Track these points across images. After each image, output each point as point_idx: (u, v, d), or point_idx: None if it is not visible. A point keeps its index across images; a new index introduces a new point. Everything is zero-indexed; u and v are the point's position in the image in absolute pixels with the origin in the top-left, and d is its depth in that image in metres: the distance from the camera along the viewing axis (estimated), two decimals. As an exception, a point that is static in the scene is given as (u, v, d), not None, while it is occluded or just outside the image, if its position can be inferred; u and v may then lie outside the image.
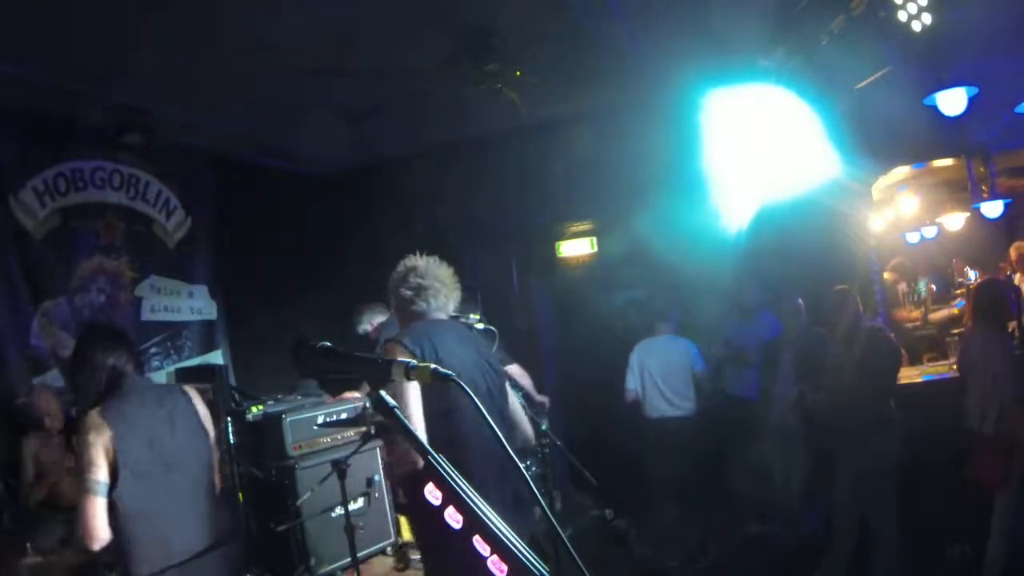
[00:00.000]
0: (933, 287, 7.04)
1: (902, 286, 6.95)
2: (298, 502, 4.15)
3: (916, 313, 6.72)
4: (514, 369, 5.58)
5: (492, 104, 5.53)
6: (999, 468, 3.87)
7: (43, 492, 4.67)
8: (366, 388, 5.70)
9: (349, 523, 3.47)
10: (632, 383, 5.71)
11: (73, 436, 2.92)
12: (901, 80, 4.32)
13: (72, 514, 4.79)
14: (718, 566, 5.31)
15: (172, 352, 6.24)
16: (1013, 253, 6.11)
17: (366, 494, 5.13)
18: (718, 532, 5.61)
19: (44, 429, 4.71)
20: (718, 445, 5.72)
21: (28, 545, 3.92)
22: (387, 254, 3.08)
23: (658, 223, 5.85)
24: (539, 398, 5.78)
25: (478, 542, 1.23)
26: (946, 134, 5.21)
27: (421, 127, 6.58)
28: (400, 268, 2.96)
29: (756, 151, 4.85)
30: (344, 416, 5.38)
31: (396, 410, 1.40)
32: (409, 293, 2.89)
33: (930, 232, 6.93)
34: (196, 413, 2.86)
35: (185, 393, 2.90)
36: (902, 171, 6.34)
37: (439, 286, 2.91)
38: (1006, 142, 5.64)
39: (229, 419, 4.90)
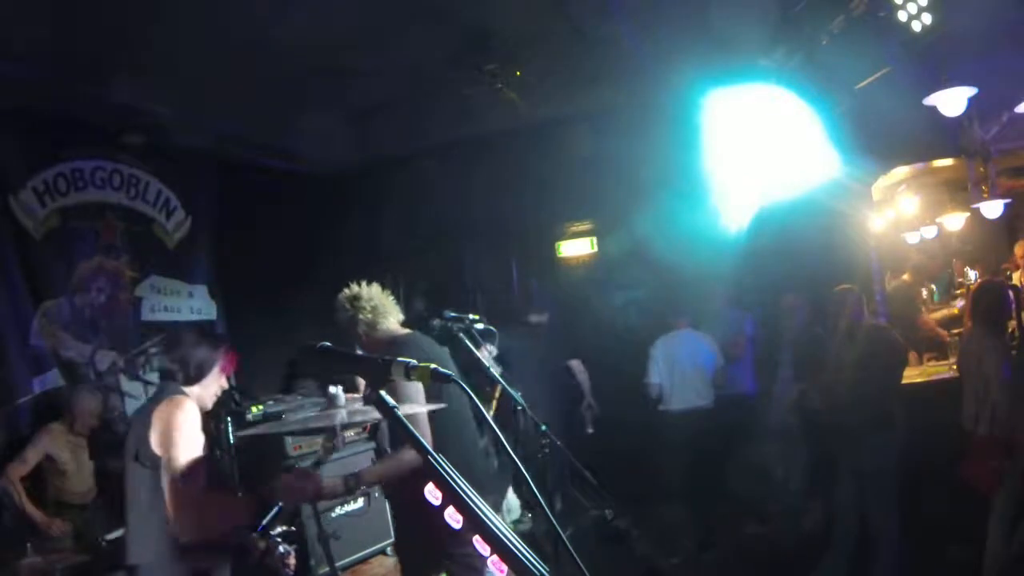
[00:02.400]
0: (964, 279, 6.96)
1: (923, 291, 6.84)
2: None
3: (940, 314, 6.65)
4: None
5: (492, 104, 5.53)
6: (990, 470, 3.87)
7: (51, 490, 4.67)
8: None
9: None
10: (656, 377, 5.77)
11: None
12: (901, 80, 4.31)
13: (83, 511, 4.76)
14: (718, 566, 5.31)
15: (172, 352, 6.24)
16: (1018, 251, 6.11)
17: (366, 494, 5.14)
18: (718, 531, 5.61)
19: (72, 429, 4.71)
20: (719, 444, 5.73)
21: (28, 545, 3.92)
22: (387, 254, 3.11)
23: (658, 223, 5.85)
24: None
25: (478, 542, 1.23)
26: (946, 134, 5.21)
27: (421, 127, 6.58)
28: (345, 303, 3.15)
29: (756, 151, 4.85)
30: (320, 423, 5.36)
31: (396, 410, 1.40)
32: (370, 316, 3.07)
33: (930, 232, 6.93)
34: (142, 427, 2.55)
35: (148, 408, 2.61)
36: (902, 171, 6.34)
37: (386, 302, 3.13)
38: (1006, 142, 5.64)
39: (229, 419, 4.90)
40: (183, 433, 2.50)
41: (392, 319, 3.12)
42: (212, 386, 2.75)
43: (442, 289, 7.29)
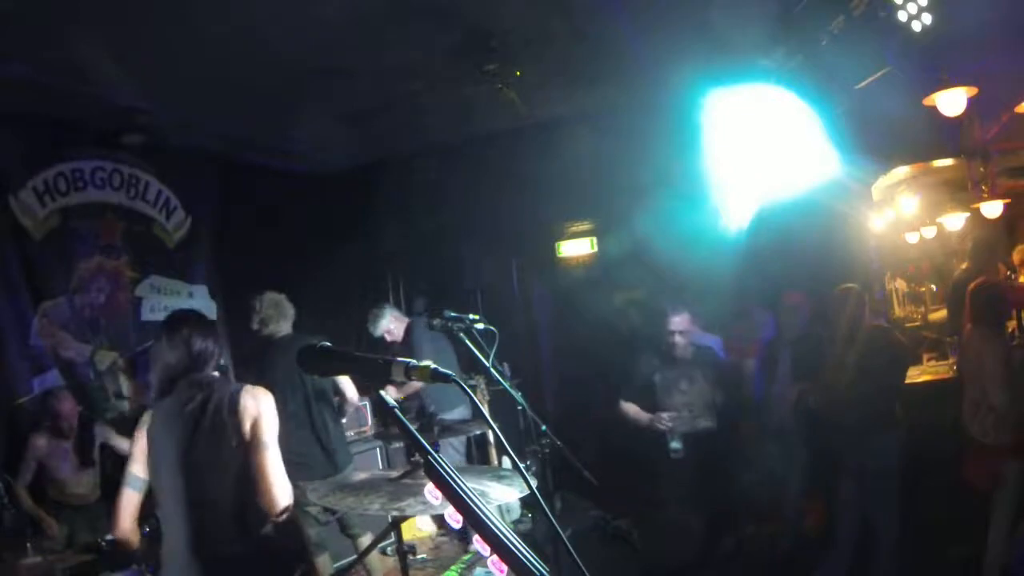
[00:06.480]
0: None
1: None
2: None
3: (940, 314, 6.53)
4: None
5: (492, 104, 5.53)
6: (991, 470, 3.87)
7: (51, 491, 4.69)
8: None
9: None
10: None
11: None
12: (901, 80, 4.31)
13: (81, 513, 4.81)
14: (718, 566, 5.30)
15: (172, 352, 6.23)
16: (1016, 257, 6.08)
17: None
18: (718, 532, 5.61)
19: (59, 432, 4.71)
20: (720, 444, 5.72)
21: (28, 545, 3.92)
22: (387, 253, 3.09)
23: (658, 223, 5.84)
24: None
25: (478, 542, 1.23)
26: (946, 134, 5.21)
27: (421, 127, 6.58)
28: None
29: (756, 151, 4.85)
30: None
31: (396, 410, 1.40)
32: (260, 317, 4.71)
33: (930, 232, 6.92)
34: (226, 414, 2.58)
35: (221, 395, 2.62)
36: (902, 171, 6.33)
37: (280, 310, 4.87)
38: (1006, 142, 5.64)
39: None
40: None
41: (281, 325, 4.58)
42: None
43: (442, 289, 7.29)
